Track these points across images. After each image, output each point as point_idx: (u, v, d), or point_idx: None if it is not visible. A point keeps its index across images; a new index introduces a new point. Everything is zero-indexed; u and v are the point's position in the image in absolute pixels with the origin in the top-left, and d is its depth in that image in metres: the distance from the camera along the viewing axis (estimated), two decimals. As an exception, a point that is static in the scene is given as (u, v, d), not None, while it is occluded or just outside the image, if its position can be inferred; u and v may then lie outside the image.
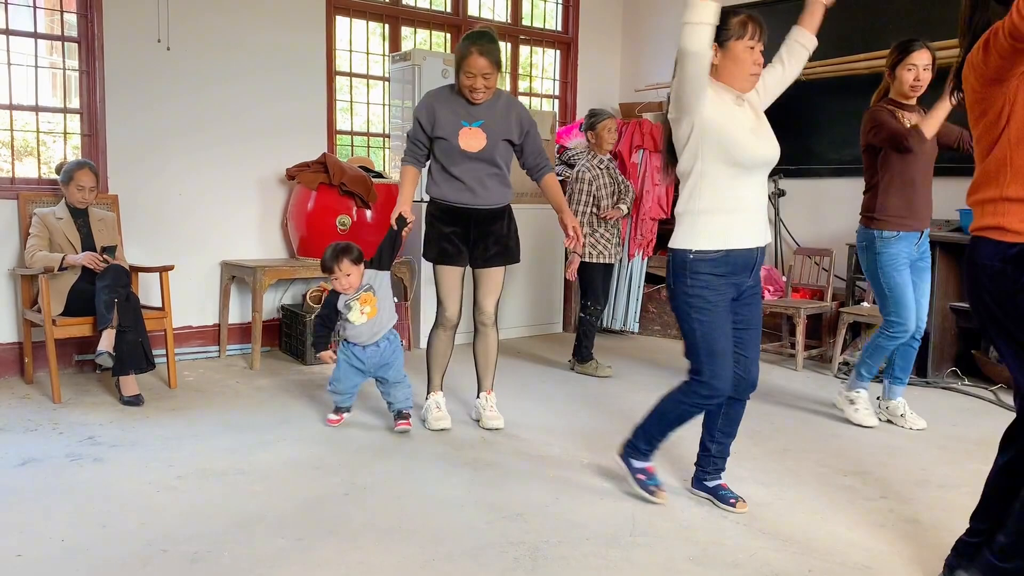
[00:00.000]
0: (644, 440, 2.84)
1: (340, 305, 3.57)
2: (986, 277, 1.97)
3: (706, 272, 2.55)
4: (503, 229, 3.62)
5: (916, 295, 3.71)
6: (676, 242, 2.62)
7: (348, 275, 3.51)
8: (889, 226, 3.60)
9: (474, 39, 3.35)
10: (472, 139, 3.46)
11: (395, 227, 3.50)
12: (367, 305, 3.56)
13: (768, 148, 2.59)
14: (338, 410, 3.71)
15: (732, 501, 2.80)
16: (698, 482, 2.93)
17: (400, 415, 3.63)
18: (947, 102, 3.13)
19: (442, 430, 3.62)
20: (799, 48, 2.73)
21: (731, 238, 2.56)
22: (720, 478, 2.89)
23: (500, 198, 3.59)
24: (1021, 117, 1.88)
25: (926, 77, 3.55)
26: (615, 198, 4.81)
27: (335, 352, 3.65)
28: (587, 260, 4.77)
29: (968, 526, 2.19)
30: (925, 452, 3.46)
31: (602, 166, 4.78)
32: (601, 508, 2.79)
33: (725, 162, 2.52)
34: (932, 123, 3.47)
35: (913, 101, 3.63)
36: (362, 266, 3.56)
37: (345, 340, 3.63)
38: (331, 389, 3.68)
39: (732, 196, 2.55)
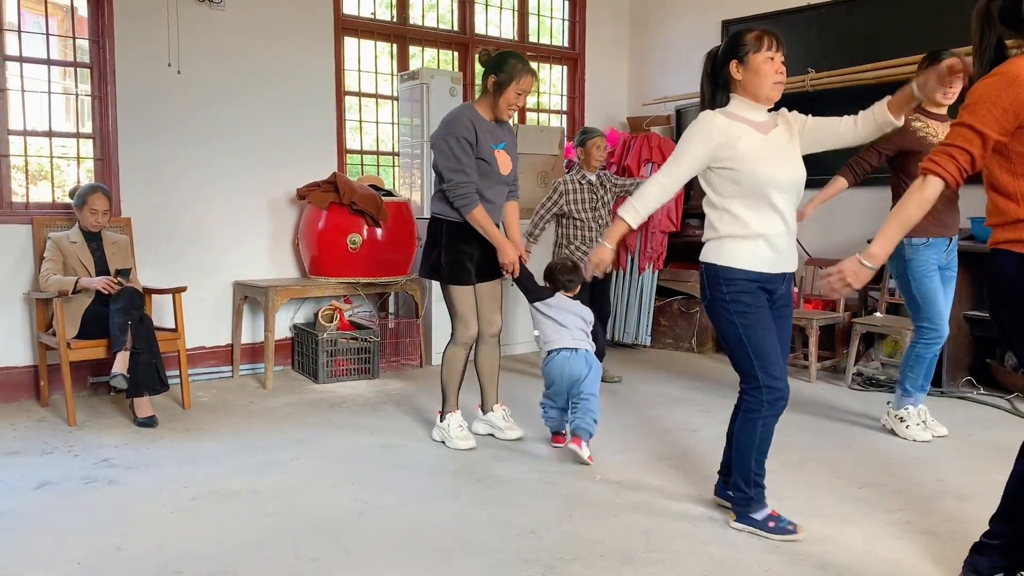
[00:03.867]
0: (746, 484, 2.66)
1: None
2: (1004, 284, 2.05)
3: (741, 278, 2.57)
4: None
5: None
6: (707, 257, 2.64)
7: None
8: (918, 233, 3.59)
9: (525, 61, 3.52)
10: (504, 162, 3.57)
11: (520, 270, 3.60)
12: None
13: (788, 172, 2.58)
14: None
15: None
16: (722, 490, 2.92)
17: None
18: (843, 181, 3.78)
19: (470, 449, 3.60)
20: (872, 121, 2.60)
21: (758, 262, 2.57)
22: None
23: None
24: None
25: (958, 86, 3.57)
26: (595, 212, 4.81)
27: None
28: None
29: (988, 527, 2.21)
30: (941, 462, 3.43)
31: (583, 181, 4.79)
32: (615, 524, 2.78)
33: (747, 195, 2.55)
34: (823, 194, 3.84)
35: (944, 110, 3.67)
36: None
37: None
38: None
39: (757, 222, 2.56)
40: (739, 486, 2.68)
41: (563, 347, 3.51)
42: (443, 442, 3.67)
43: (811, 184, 2.85)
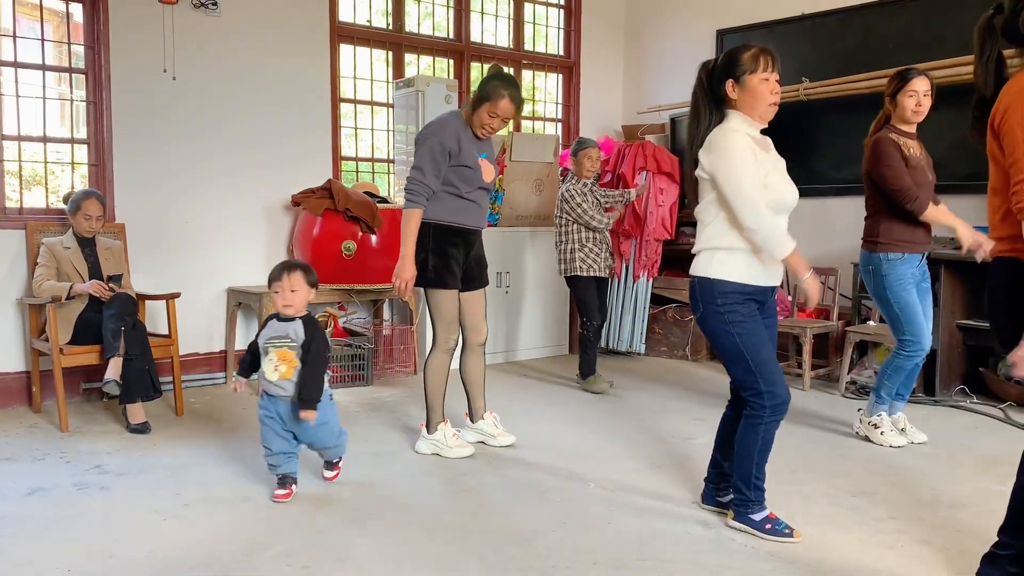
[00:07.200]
0: (746, 487, 2.71)
1: (260, 340, 3.02)
2: (1004, 294, 2.06)
3: (732, 291, 2.60)
4: (483, 251, 3.74)
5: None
6: (699, 271, 2.66)
7: (293, 290, 2.95)
8: (894, 249, 3.65)
9: (509, 83, 3.45)
10: (487, 170, 3.59)
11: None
12: (284, 364, 2.95)
13: (791, 192, 2.66)
14: (282, 480, 3.03)
15: None
16: (710, 498, 2.95)
17: (331, 465, 3.24)
18: (959, 223, 3.46)
19: (468, 456, 3.59)
20: None
21: (752, 275, 2.60)
22: (732, 493, 2.90)
23: None
24: None
25: (927, 103, 3.68)
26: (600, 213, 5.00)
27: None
28: (577, 273, 4.92)
29: (997, 539, 2.18)
30: (934, 471, 3.43)
31: (586, 189, 4.95)
32: (609, 532, 2.77)
33: None
34: (938, 216, 3.58)
35: (914, 127, 3.71)
36: (313, 292, 3.04)
37: (264, 391, 3.05)
38: (265, 455, 3.07)
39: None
40: (739, 487, 2.72)
41: None
42: (435, 454, 3.63)
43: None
